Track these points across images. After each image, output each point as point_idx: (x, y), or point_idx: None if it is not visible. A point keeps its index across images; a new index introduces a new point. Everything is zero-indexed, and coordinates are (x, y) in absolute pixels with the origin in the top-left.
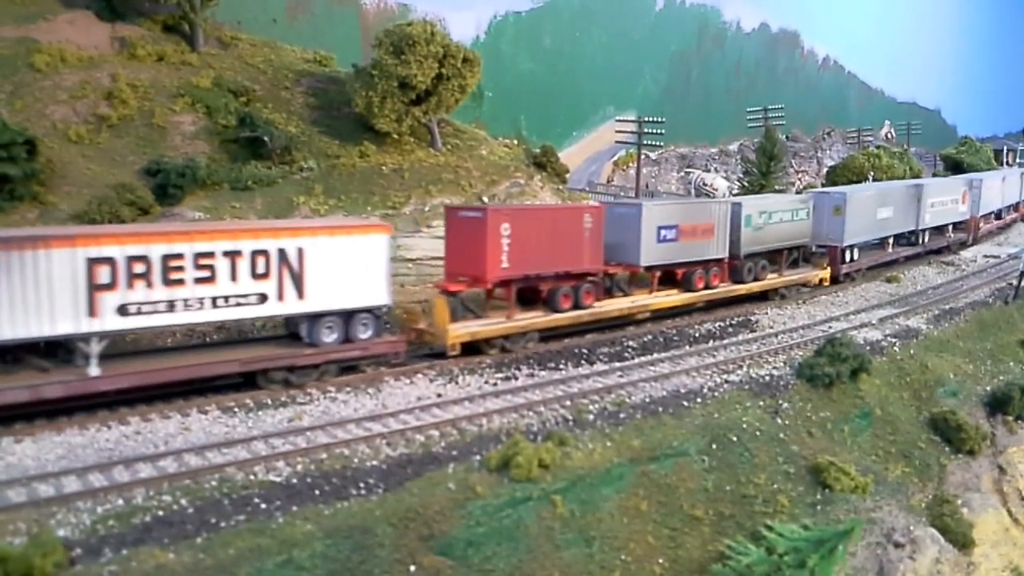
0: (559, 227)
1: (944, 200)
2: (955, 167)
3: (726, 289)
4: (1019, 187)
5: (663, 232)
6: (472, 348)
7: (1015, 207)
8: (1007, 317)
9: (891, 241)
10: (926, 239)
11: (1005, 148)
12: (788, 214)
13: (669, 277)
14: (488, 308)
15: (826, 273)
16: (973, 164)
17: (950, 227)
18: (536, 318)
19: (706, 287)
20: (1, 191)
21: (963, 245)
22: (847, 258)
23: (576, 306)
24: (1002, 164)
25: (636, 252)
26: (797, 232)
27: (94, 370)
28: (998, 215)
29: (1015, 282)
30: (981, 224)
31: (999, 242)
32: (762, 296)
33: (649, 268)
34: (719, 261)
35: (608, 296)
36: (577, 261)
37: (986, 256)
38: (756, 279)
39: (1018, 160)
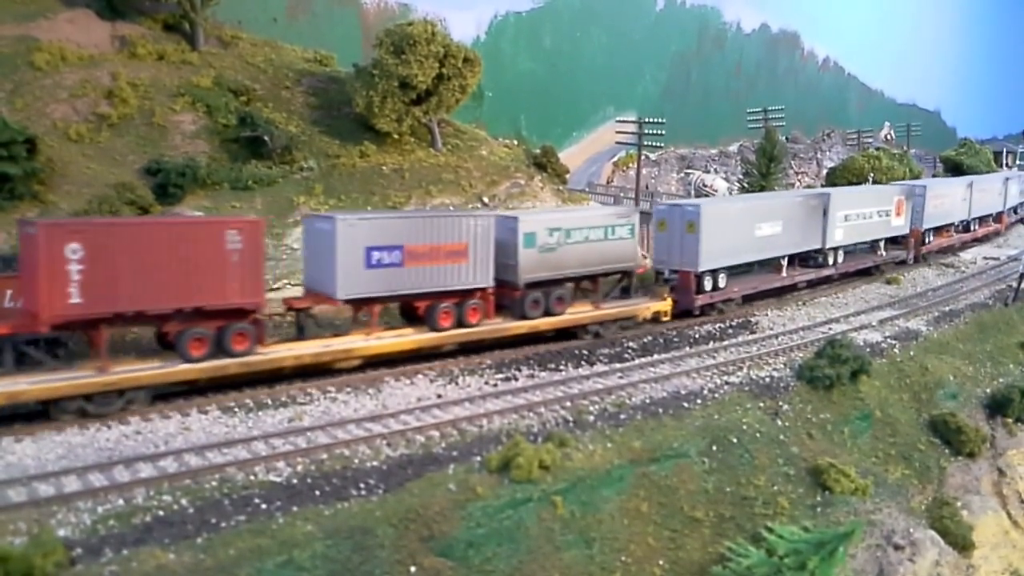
0: (182, 248)
1: (866, 212)
2: (955, 169)
3: (494, 328)
4: (1001, 194)
5: (376, 255)
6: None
7: (996, 217)
8: (1007, 319)
9: (785, 263)
10: (838, 259)
11: (1005, 150)
12: (598, 231)
13: (410, 311)
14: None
15: (664, 305)
16: (973, 166)
17: (882, 243)
18: (142, 370)
19: (459, 325)
20: (1, 190)
21: (901, 264)
22: (706, 286)
23: (226, 352)
24: (1001, 166)
25: (332, 280)
26: (614, 254)
27: None
28: (965, 226)
29: (1015, 284)
30: (930, 238)
31: (998, 244)
32: (571, 335)
33: (354, 301)
34: (479, 292)
35: (298, 339)
36: (217, 293)
37: (986, 258)
38: (550, 313)
39: (1018, 162)
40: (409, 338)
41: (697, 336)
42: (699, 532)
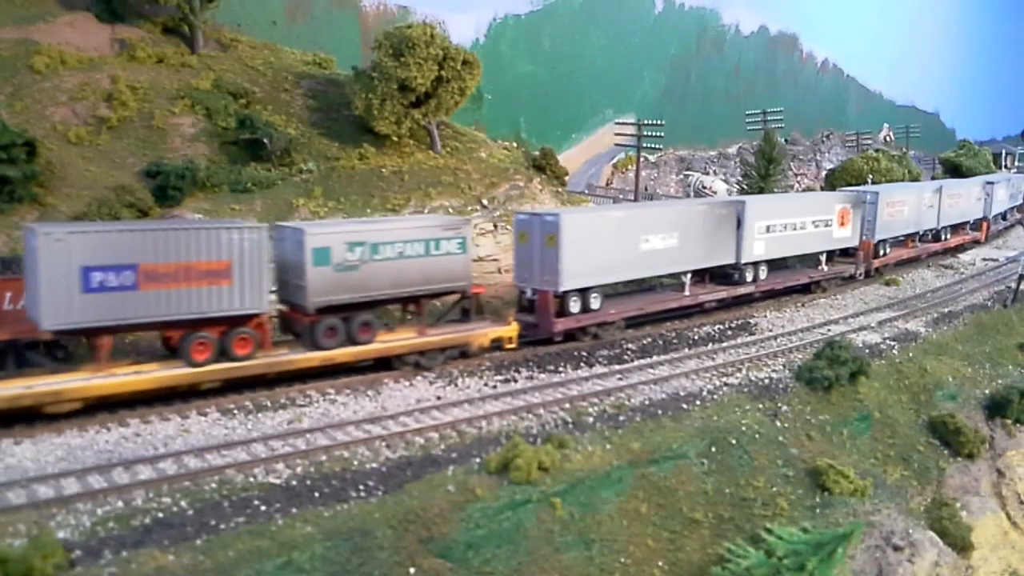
0: None
1: (795, 222)
2: (954, 170)
3: (273, 361)
4: (981, 200)
5: (98, 276)
6: None
7: (975, 225)
8: (1006, 320)
9: (688, 280)
10: (759, 275)
11: (1004, 151)
12: (417, 246)
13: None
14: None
15: (506, 331)
16: (972, 167)
17: (823, 257)
18: None
19: (224, 357)
20: (1, 192)
21: (850, 280)
22: (571, 308)
23: None
24: (1001, 167)
25: (36, 306)
26: (440, 273)
27: None
28: (935, 236)
29: (1014, 285)
30: (886, 251)
31: (998, 245)
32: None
33: (68, 332)
34: (250, 319)
35: None
36: None
37: (985, 259)
38: (354, 342)
39: (1017, 164)
40: (150, 375)
41: (696, 338)
42: (698, 533)
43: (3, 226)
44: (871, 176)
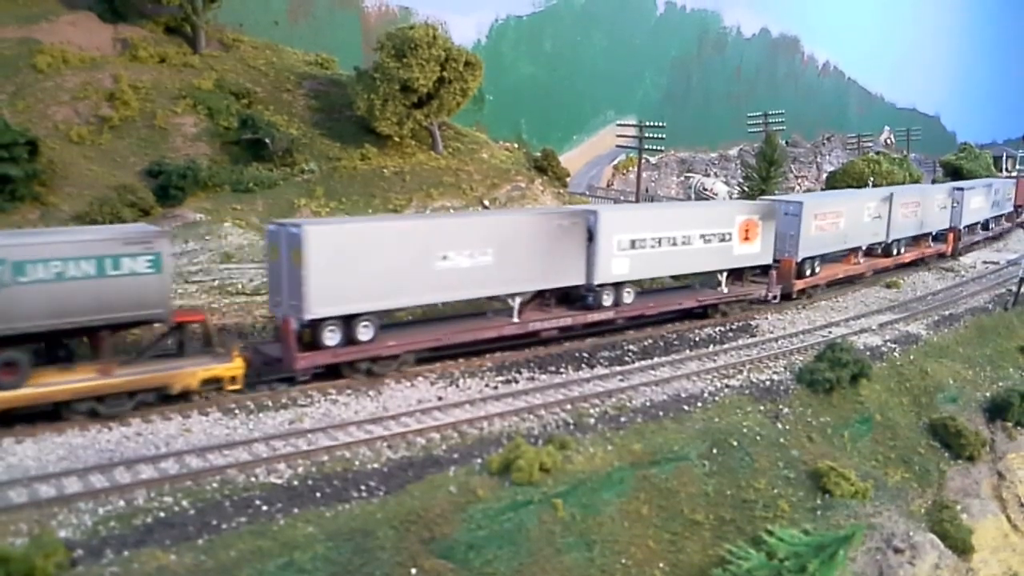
0: None
1: (674, 236)
2: (954, 173)
3: None
4: (947, 208)
5: None
6: None
7: (941, 236)
8: (1007, 323)
9: (516, 304)
10: (621, 299)
11: (1005, 154)
12: (85, 265)
13: None
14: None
15: (229, 369)
16: (973, 170)
17: (723, 276)
18: None
19: None
20: (3, 192)
21: (762, 303)
22: (326, 340)
23: None
24: (1001, 170)
25: None
26: (120, 299)
27: None
28: (885, 250)
29: (1015, 288)
30: (815, 269)
31: (998, 248)
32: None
33: None
34: None
35: None
36: None
37: (985, 262)
38: None
39: (1018, 167)
40: None
41: (697, 339)
42: (699, 535)
43: (5, 225)
44: (872, 179)
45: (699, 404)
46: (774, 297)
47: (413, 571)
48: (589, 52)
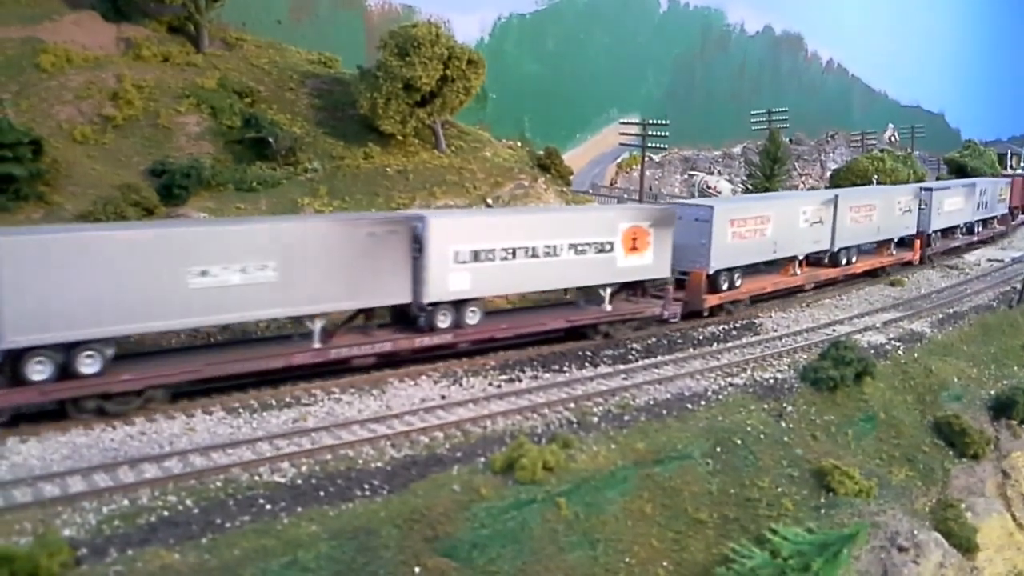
0: None
1: (532, 247)
2: (959, 171)
3: None
4: (912, 212)
5: None
6: None
7: (906, 242)
8: (1011, 321)
9: (317, 328)
10: (464, 319)
11: (1009, 152)
12: None
13: None
14: None
15: None
16: (977, 168)
17: (606, 293)
18: None
19: None
20: (7, 191)
21: (662, 323)
22: (33, 373)
23: None
24: (1006, 168)
25: None
26: None
27: None
28: (832, 260)
29: (1019, 286)
30: (734, 282)
31: (1003, 246)
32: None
33: None
34: None
35: None
36: None
37: (990, 260)
38: None
39: (1023, 164)
40: None
41: (701, 338)
42: (703, 533)
43: (9, 224)
44: (876, 176)
45: (703, 402)
46: (672, 316)
47: (416, 570)
48: (592, 50)
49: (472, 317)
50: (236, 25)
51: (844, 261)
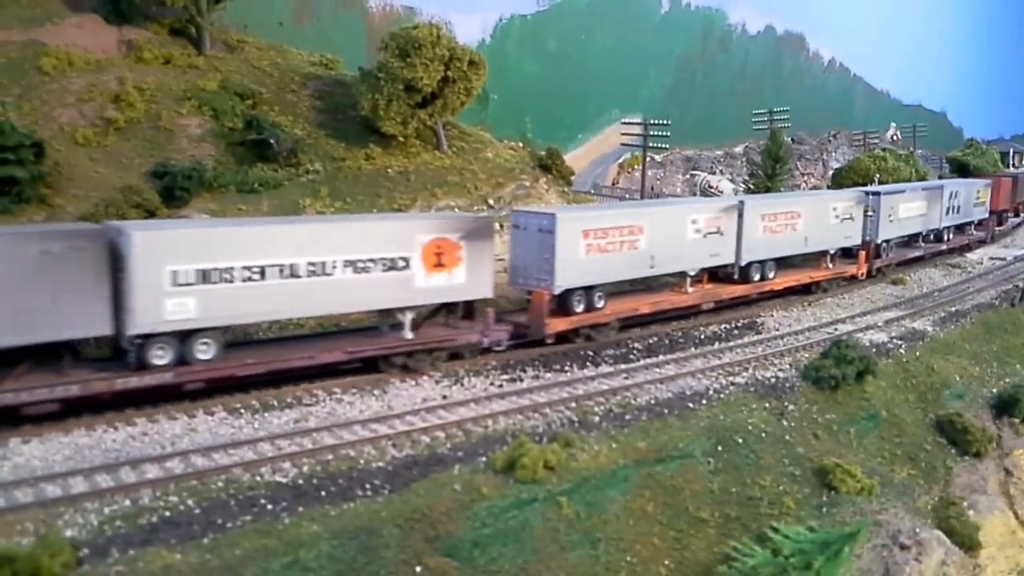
0: None
1: (287, 265)
2: (961, 169)
3: None
4: (855, 219)
5: None
6: None
7: (851, 252)
8: (1013, 319)
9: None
10: (193, 353)
11: (1012, 150)
12: None
13: None
14: None
15: None
16: (979, 166)
17: (404, 315)
18: None
19: None
20: (9, 193)
21: (484, 352)
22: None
23: None
24: (1008, 166)
25: None
26: None
27: None
28: (743, 275)
29: (1022, 284)
30: (599, 303)
31: (1005, 244)
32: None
33: None
34: None
35: None
36: None
37: (992, 258)
38: None
39: None
40: None
41: (702, 337)
42: (704, 532)
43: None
44: (878, 175)
45: (704, 402)
46: (496, 344)
47: (418, 569)
48: (594, 51)
49: (204, 351)
50: (238, 27)
51: (756, 277)
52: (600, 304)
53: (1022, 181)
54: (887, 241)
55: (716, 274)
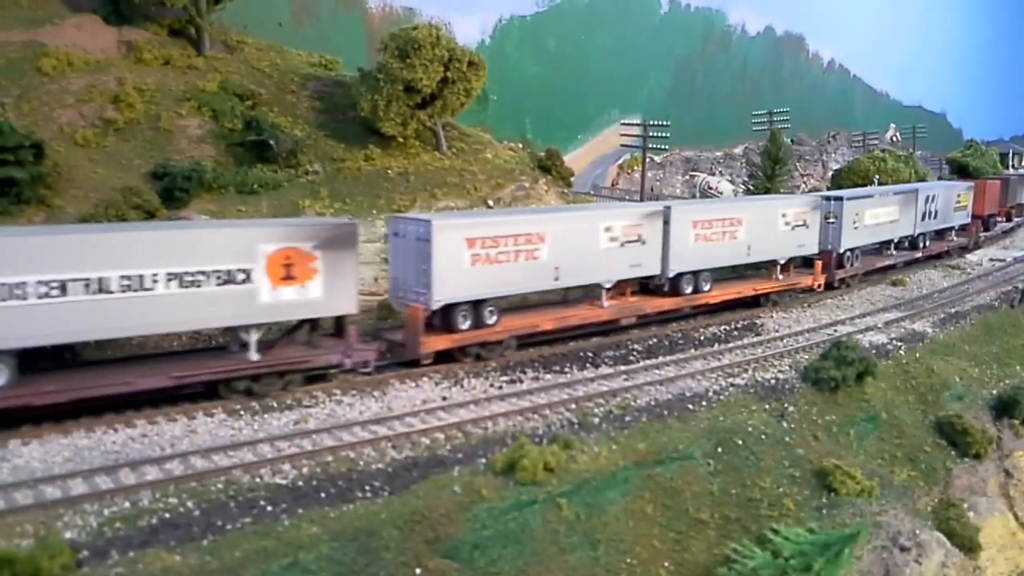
0: None
1: (94, 278)
2: (960, 171)
3: None
4: (807, 227)
5: None
6: None
7: (807, 261)
8: (1013, 321)
9: None
10: None
11: (1012, 151)
12: None
13: None
14: None
15: None
16: (979, 167)
17: (249, 334)
18: None
19: None
20: (8, 194)
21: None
22: None
23: None
24: (1008, 167)
25: None
26: None
27: None
28: (673, 286)
29: (1021, 286)
30: (488, 320)
31: (1005, 245)
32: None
33: None
34: None
35: None
36: None
37: (992, 260)
38: None
39: None
40: None
41: (702, 338)
42: (704, 534)
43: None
44: (878, 176)
45: (704, 403)
46: (359, 366)
47: (417, 571)
48: (593, 51)
49: None
50: (237, 28)
51: (688, 289)
52: (491, 320)
53: (1013, 184)
54: (851, 250)
55: (647, 286)
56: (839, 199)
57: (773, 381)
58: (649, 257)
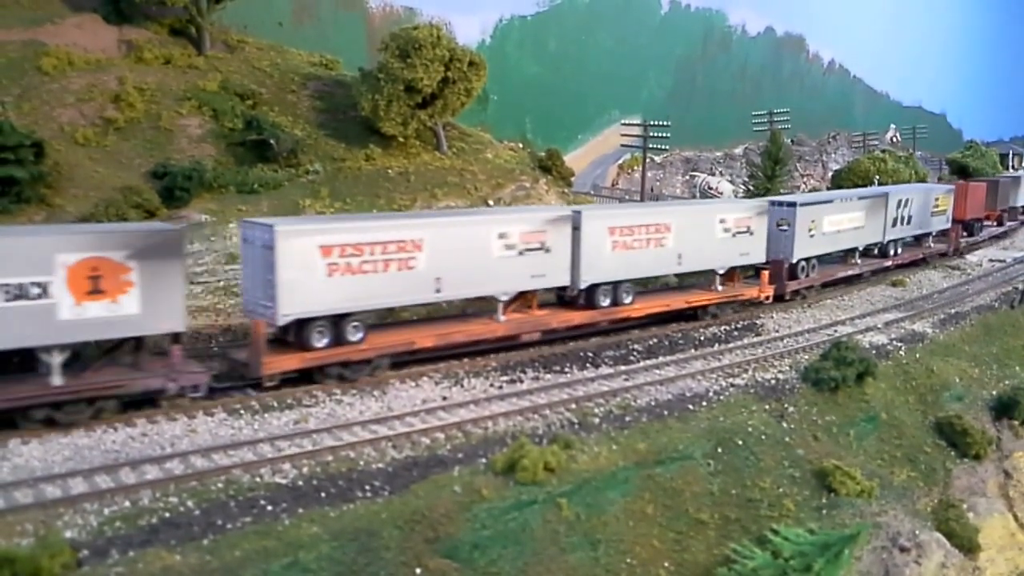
0: None
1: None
2: (960, 171)
3: None
4: (751, 233)
5: None
6: None
7: (755, 272)
8: (1013, 321)
9: None
10: None
11: (1011, 152)
12: None
13: None
14: None
15: None
16: (979, 168)
17: (51, 356)
18: None
19: None
20: (8, 193)
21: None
22: None
23: None
24: (1008, 168)
25: None
26: None
27: None
28: (588, 299)
29: (1021, 286)
30: (351, 337)
31: (1004, 246)
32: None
33: None
34: None
35: None
36: None
37: (991, 260)
38: None
39: None
40: None
41: (702, 338)
42: (704, 534)
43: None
44: (878, 177)
45: (704, 403)
46: (190, 389)
47: (418, 571)
48: (594, 52)
49: None
50: (238, 27)
51: (605, 302)
52: (355, 337)
53: (1004, 186)
54: (807, 259)
55: (562, 298)
56: (791, 204)
57: (773, 381)
58: (555, 267)
